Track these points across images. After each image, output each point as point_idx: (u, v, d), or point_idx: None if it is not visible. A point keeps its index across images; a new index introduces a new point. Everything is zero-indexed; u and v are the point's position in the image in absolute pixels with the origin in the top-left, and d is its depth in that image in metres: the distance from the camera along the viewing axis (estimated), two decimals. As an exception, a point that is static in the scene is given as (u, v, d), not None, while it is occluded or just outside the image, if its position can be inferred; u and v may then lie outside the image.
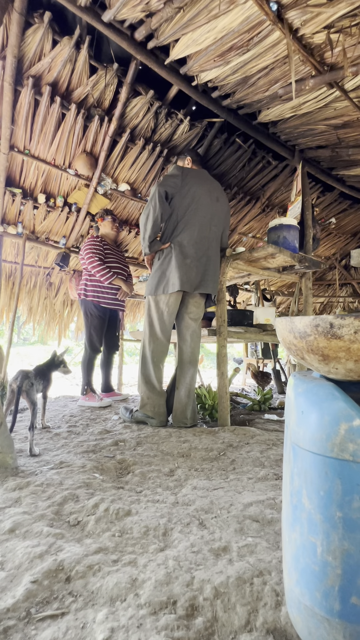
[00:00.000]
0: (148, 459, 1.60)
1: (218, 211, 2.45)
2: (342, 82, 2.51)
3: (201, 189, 2.36)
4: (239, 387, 5.23)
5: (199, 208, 2.34)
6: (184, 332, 2.42)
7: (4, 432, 1.42)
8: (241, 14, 2.02)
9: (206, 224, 2.36)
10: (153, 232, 2.28)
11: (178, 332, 2.46)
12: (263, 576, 0.78)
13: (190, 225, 2.32)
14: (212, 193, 2.42)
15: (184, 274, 2.24)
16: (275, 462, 1.57)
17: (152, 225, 2.25)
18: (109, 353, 3.35)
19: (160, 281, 2.31)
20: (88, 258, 3.05)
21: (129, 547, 0.90)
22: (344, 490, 0.54)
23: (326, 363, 0.64)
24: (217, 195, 2.46)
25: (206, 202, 2.37)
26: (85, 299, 3.11)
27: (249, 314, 3.01)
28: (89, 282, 3.12)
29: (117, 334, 3.40)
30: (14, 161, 3.22)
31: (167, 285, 2.29)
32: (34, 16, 2.41)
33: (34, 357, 10.18)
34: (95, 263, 3.03)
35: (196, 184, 2.35)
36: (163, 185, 2.27)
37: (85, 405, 3.01)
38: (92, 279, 3.11)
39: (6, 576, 0.78)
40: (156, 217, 2.24)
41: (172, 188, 2.29)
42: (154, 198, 2.24)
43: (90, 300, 3.09)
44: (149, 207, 2.26)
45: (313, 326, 0.63)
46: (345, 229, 5.46)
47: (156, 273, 2.34)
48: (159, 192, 2.24)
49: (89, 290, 3.11)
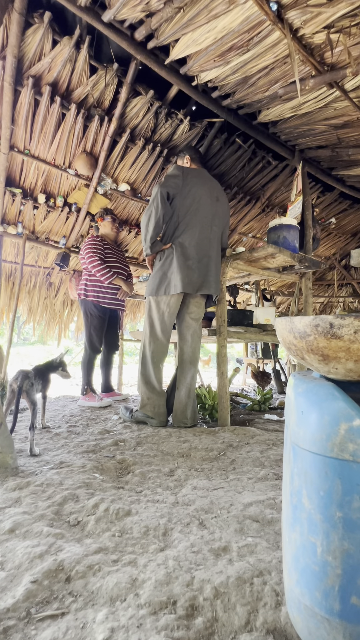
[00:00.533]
0: (148, 459, 1.60)
1: (218, 211, 2.45)
2: (342, 82, 2.51)
3: (202, 189, 2.36)
4: (239, 387, 5.23)
5: (200, 208, 2.34)
6: (185, 332, 2.42)
7: (4, 432, 1.42)
8: (241, 14, 2.02)
9: (207, 224, 2.36)
10: (155, 233, 2.28)
11: (179, 332, 2.46)
12: (263, 576, 0.78)
13: (191, 226, 2.31)
14: (212, 193, 2.42)
15: (186, 276, 2.24)
16: (275, 462, 1.57)
17: (154, 227, 2.25)
18: (109, 353, 3.35)
19: (162, 282, 2.31)
20: (88, 257, 3.05)
21: (129, 547, 0.90)
22: (344, 490, 0.54)
23: (326, 363, 0.64)
24: (217, 195, 2.46)
25: (207, 202, 2.37)
26: (86, 299, 3.10)
27: (249, 314, 3.01)
28: (89, 282, 3.12)
29: (117, 333, 3.39)
30: (14, 161, 3.22)
31: (168, 286, 2.28)
32: (34, 16, 2.41)
33: (34, 357, 10.17)
34: (95, 262, 3.02)
35: (197, 184, 2.35)
36: (165, 186, 2.26)
37: (85, 405, 3.01)
38: (92, 278, 3.11)
39: (6, 576, 0.78)
40: (158, 218, 2.24)
41: (174, 189, 2.29)
42: (156, 199, 2.24)
43: (90, 300, 3.09)
44: (151, 208, 2.26)
45: (313, 326, 0.63)
46: (345, 229, 5.46)
47: (157, 274, 2.34)
48: (161, 193, 2.24)
49: (89, 290, 3.11)
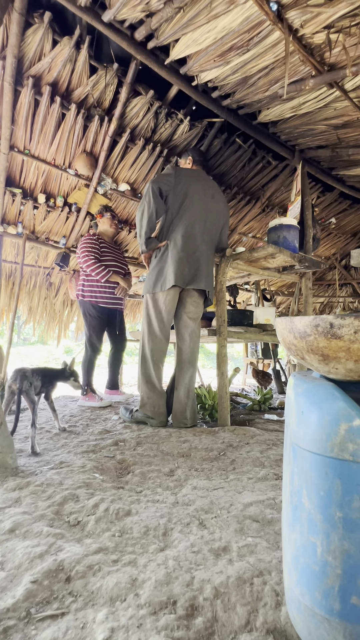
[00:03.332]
0: (148, 459, 1.60)
1: (213, 208, 2.44)
2: (342, 82, 2.51)
3: (195, 186, 2.36)
4: (239, 387, 5.23)
5: (193, 203, 2.34)
6: (183, 332, 2.42)
7: (4, 432, 1.41)
8: (241, 14, 2.02)
9: (200, 219, 2.36)
10: (149, 229, 2.28)
11: (177, 331, 2.45)
12: (263, 576, 0.78)
13: (183, 220, 2.32)
14: (207, 190, 2.42)
15: (178, 268, 2.24)
16: (275, 462, 1.57)
17: (147, 222, 2.25)
18: (117, 352, 3.31)
19: (158, 278, 2.31)
20: (83, 257, 3.02)
21: (129, 547, 0.90)
22: (344, 490, 0.54)
23: (326, 363, 0.64)
24: (213, 193, 2.46)
25: (200, 198, 2.37)
26: (83, 300, 3.09)
27: (249, 314, 3.01)
28: (86, 282, 3.10)
29: (117, 332, 3.35)
30: (14, 161, 3.22)
31: (164, 282, 2.28)
32: (34, 16, 2.41)
33: (34, 357, 10.18)
34: (90, 261, 3.00)
35: (190, 182, 2.36)
36: (156, 182, 2.28)
37: (85, 405, 3.01)
38: (89, 279, 3.09)
39: (6, 576, 0.78)
40: (151, 212, 2.24)
41: (166, 185, 2.30)
42: (148, 194, 2.25)
43: (88, 301, 3.07)
44: (143, 204, 2.27)
45: (313, 326, 0.63)
46: (345, 229, 5.46)
47: (154, 270, 2.34)
48: (152, 189, 2.25)
49: (86, 290, 3.08)
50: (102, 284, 3.09)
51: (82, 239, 3.14)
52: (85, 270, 3.05)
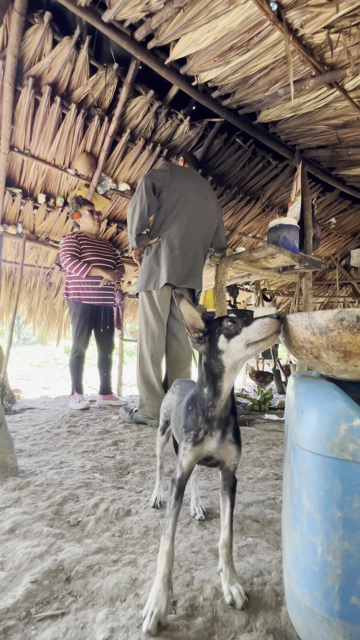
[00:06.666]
0: (148, 459, 1.60)
1: (206, 208, 2.44)
2: (342, 82, 2.51)
3: (189, 185, 2.36)
4: (239, 387, 5.23)
5: (188, 203, 2.34)
6: (175, 331, 2.42)
7: (4, 432, 1.41)
8: (241, 14, 2.02)
9: (194, 219, 2.36)
10: (140, 225, 2.26)
11: (169, 330, 2.43)
12: (263, 576, 0.78)
13: (178, 219, 2.31)
14: (200, 190, 2.42)
15: (171, 266, 2.23)
16: (275, 462, 1.57)
17: (139, 217, 2.24)
18: (104, 353, 3.19)
19: (151, 276, 2.29)
20: (62, 256, 2.98)
21: (129, 547, 0.90)
22: (344, 490, 0.54)
23: (346, 360, 0.62)
24: (206, 193, 2.46)
25: (194, 197, 2.37)
26: (67, 297, 3.04)
27: (249, 314, 3.01)
28: (69, 279, 3.05)
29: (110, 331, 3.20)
30: (14, 161, 3.22)
31: (157, 280, 2.27)
32: (34, 16, 2.41)
33: (34, 357, 10.17)
34: (67, 259, 2.93)
35: (184, 180, 2.35)
36: (150, 178, 2.26)
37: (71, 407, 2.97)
38: (71, 276, 3.03)
39: (6, 576, 0.78)
40: (143, 208, 2.22)
41: (160, 181, 2.28)
42: (141, 189, 2.23)
43: (72, 299, 3.02)
44: (136, 199, 2.25)
45: (338, 320, 0.60)
46: (345, 229, 5.46)
47: (146, 268, 2.32)
48: (145, 184, 2.23)
49: (70, 288, 3.03)
50: (85, 281, 2.99)
51: (62, 239, 3.08)
52: (65, 268, 3.01)
